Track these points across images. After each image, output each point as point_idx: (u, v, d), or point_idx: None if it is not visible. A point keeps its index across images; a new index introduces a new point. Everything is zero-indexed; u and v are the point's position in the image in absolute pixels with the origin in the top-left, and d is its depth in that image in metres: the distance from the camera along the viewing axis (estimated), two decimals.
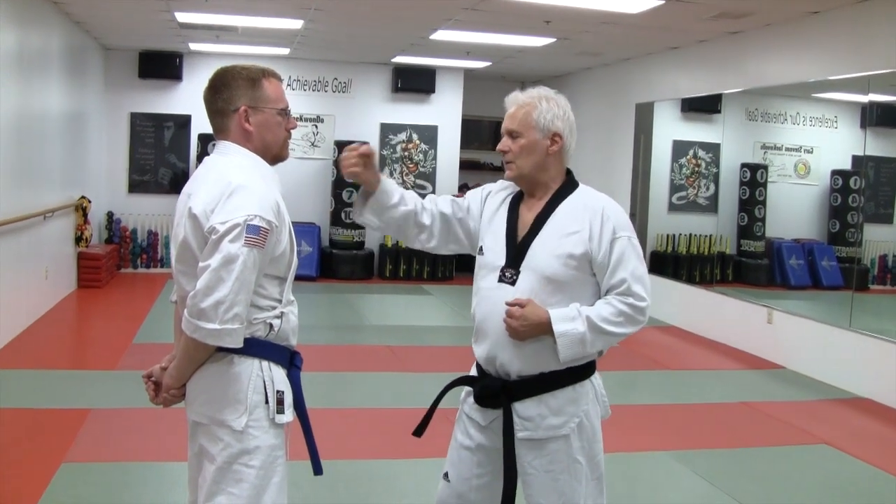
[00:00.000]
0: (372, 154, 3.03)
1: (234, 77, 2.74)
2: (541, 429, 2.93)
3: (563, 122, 2.99)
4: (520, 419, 2.95)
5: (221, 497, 2.62)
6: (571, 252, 2.89)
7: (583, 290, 2.92)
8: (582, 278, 2.91)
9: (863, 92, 8.20)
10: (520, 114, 2.97)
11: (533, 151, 2.96)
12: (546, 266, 2.91)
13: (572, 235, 2.91)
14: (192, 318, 2.51)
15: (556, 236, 2.93)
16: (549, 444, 2.94)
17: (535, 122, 2.95)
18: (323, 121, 13.84)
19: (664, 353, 9.17)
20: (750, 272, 10.76)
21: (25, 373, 7.18)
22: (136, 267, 13.20)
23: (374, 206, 3.10)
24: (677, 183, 11.43)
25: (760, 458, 5.84)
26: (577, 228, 2.92)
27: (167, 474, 5.02)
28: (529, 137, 2.96)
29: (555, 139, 2.98)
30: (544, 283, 2.90)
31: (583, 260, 2.89)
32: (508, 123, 3.00)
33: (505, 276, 2.96)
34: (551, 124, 2.96)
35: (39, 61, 9.14)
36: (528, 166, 2.98)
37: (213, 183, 2.62)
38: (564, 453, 2.93)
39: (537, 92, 3.01)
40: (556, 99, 3.00)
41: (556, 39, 10.41)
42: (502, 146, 3.01)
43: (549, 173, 3.01)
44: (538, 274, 2.91)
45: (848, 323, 7.94)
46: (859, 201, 9.45)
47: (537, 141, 2.96)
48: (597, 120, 12.89)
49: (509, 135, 3.00)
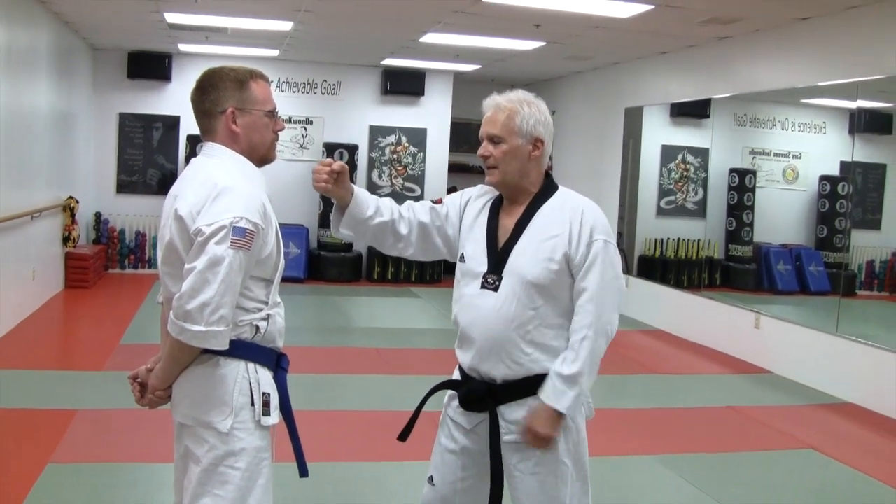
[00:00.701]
0: (344, 171, 3.00)
1: (221, 78, 2.74)
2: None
3: (545, 127, 2.98)
4: (505, 422, 2.95)
5: (207, 499, 2.61)
6: (552, 256, 2.89)
7: (563, 293, 2.92)
8: (562, 281, 2.91)
9: (851, 98, 8.23)
10: (501, 118, 2.95)
11: (516, 157, 2.96)
12: (528, 271, 2.91)
13: (553, 239, 2.91)
14: (177, 319, 2.50)
15: (537, 240, 2.93)
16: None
17: (518, 128, 2.94)
18: (312, 123, 13.82)
19: (651, 357, 9.19)
20: (738, 277, 10.78)
21: (12, 373, 7.14)
22: (123, 267, 13.17)
23: (348, 219, 3.07)
24: (666, 187, 11.45)
25: (747, 462, 5.85)
26: (558, 232, 2.92)
27: (154, 475, 5.00)
28: (512, 143, 2.95)
29: (537, 144, 2.97)
30: (526, 288, 2.90)
31: (563, 262, 2.89)
32: (490, 128, 2.98)
33: (487, 283, 2.96)
34: (534, 130, 2.95)
35: (27, 61, 9.10)
36: (511, 172, 2.97)
37: (200, 185, 2.61)
38: (550, 455, 2.93)
39: (517, 96, 2.99)
40: (536, 103, 2.99)
41: (546, 43, 10.42)
42: (483, 151, 2.99)
43: (529, 178, 3.00)
44: (520, 279, 2.91)
45: (835, 328, 7.96)
46: (847, 207, 9.48)
47: (520, 146, 2.95)
48: (586, 124, 12.92)
49: (490, 140, 2.98)
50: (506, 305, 2.91)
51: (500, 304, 2.92)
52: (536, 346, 2.91)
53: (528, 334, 2.91)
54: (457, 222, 3.15)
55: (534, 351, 2.91)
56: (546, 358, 2.91)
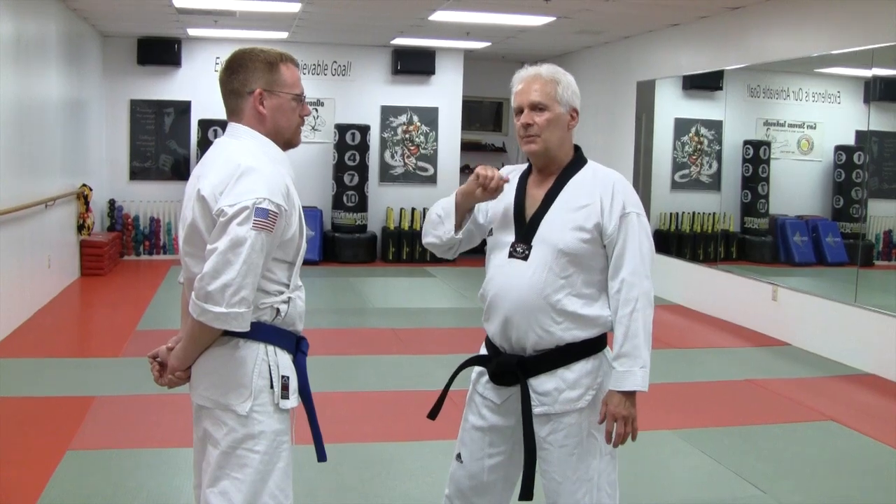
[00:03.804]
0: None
1: (251, 59, 2.72)
2: (557, 403, 2.94)
3: (578, 99, 3.03)
4: (536, 395, 2.96)
5: (226, 482, 2.61)
6: (583, 225, 2.90)
7: (594, 262, 2.93)
8: (593, 251, 2.91)
9: (866, 66, 8.14)
10: (546, 88, 2.96)
11: (557, 125, 2.97)
12: (559, 239, 2.91)
13: (583, 209, 2.92)
14: (198, 300, 2.49)
15: (568, 210, 2.94)
16: (564, 418, 2.95)
17: (560, 97, 2.96)
18: (323, 104, 13.79)
19: (669, 331, 9.16)
20: (754, 249, 10.73)
21: (30, 361, 7.18)
22: (138, 254, 13.20)
23: (468, 225, 3.10)
24: (680, 161, 11.39)
25: (767, 435, 5.83)
26: (588, 202, 2.93)
27: (172, 460, 5.02)
28: (555, 111, 2.96)
29: (573, 115, 3.01)
30: (557, 256, 2.90)
31: (594, 232, 2.90)
32: (534, 97, 2.97)
33: (516, 252, 2.96)
34: (572, 100, 2.99)
35: (37, 49, 9.10)
36: (553, 140, 2.98)
37: (223, 165, 2.60)
38: (580, 427, 2.95)
39: (554, 68, 3.03)
40: (568, 76, 3.03)
41: (556, 18, 10.35)
42: (527, 119, 2.97)
43: (564, 148, 3.02)
44: (551, 247, 2.91)
45: (853, 299, 7.92)
46: (863, 177, 9.42)
47: (561, 115, 2.97)
48: (598, 99, 12.84)
49: (534, 108, 2.97)
50: (537, 274, 2.91)
51: (531, 272, 2.92)
52: (566, 314, 2.91)
53: (558, 303, 2.90)
54: (486, 208, 3.15)
55: (564, 320, 2.91)
56: (576, 327, 2.92)
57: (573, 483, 2.95)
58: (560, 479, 2.97)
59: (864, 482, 5.13)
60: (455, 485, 3.15)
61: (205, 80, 12.68)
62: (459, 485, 3.13)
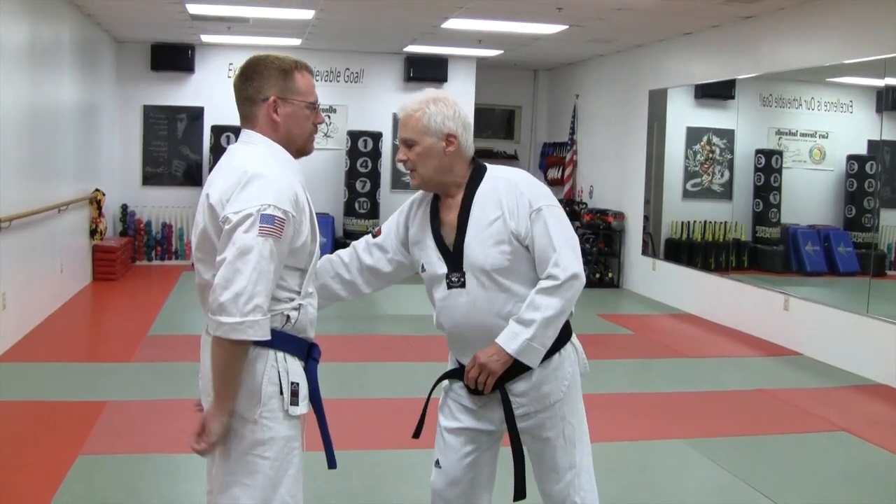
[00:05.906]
0: None
1: (266, 66, 2.73)
2: (535, 401, 3.02)
3: (454, 121, 3.00)
4: (513, 397, 3.03)
5: (236, 488, 2.61)
6: (500, 238, 2.94)
7: (527, 266, 2.97)
8: (520, 257, 2.95)
9: (879, 76, 8.12)
10: (411, 122, 2.99)
11: (430, 156, 2.99)
12: (484, 260, 2.96)
13: (495, 223, 2.96)
14: (213, 315, 2.48)
15: (482, 227, 2.97)
16: (542, 412, 3.03)
17: (427, 127, 2.97)
18: (336, 111, 13.82)
19: (680, 340, 9.14)
20: (766, 259, 10.69)
21: (41, 366, 7.20)
22: (150, 259, 13.23)
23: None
24: (691, 170, 11.37)
25: (778, 445, 5.81)
26: (497, 214, 2.96)
27: (184, 466, 5.02)
28: (424, 143, 2.98)
29: (450, 140, 2.99)
30: (490, 276, 2.96)
31: (513, 241, 2.94)
32: (402, 133, 3.03)
33: (453, 282, 3.02)
34: (443, 126, 2.98)
35: (52, 56, 9.14)
36: (429, 172, 3.01)
37: (231, 172, 2.61)
38: (558, 419, 3.04)
39: (423, 96, 3.03)
40: (443, 100, 3.02)
41: (569, 27, 10.36)
42: (400, 155, 3.04)
43: (453, 172, 3.03)
44: (481, 269, 2.97)
45: (865, 309, 7.89)
46: (875, 186, 9.38)
47: (432, 145, 2.98)
48: (610, 107, 12.85)
49: (405, 144, 3.02)
50: (479, 297, 2.98)
51: (474, 298, 2.98)
52: None
53: (509, 314, 2.95)
54: (399, 244, 3.23)
55: None
56: None
57: (562, 470, 3.07)
58: (549, 467, 3.08)
59: (875, 493, 5.11)
60: (438, 496, 3.20)
61: (218, 87, 12.74)
62: (443, 494, 3.18)
